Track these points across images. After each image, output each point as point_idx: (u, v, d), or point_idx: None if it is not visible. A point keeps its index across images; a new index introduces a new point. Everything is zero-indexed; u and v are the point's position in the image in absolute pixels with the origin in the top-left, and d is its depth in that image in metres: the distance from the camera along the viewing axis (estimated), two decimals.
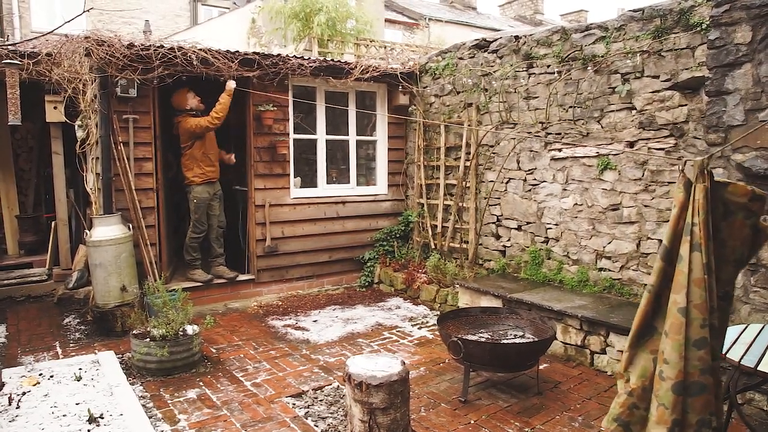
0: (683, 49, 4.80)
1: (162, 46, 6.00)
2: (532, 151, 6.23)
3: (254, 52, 6.68)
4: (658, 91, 5.02)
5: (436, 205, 7.57)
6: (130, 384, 4.35)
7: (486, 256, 6.92)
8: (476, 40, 6.96)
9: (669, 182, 5.01)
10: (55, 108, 6.62)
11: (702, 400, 2.44)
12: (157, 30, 16.13)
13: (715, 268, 2.46)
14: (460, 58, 7.11)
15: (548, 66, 5.98)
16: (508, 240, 6.62)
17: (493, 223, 6.80)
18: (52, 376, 4.44)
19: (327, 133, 7.56)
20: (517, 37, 6.35)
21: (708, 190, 2.40)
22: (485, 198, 6.84)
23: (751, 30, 3.95)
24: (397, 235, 7.99)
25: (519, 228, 6.46)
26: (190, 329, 4.89)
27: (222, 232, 6.96)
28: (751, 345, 3.09)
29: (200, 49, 6.17)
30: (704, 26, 4.58)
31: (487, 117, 6.78)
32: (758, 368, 2.85)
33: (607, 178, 5.47)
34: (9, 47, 6.12)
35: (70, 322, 6.09)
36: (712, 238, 2.43)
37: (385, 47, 12.79)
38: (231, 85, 6.35)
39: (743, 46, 3.98)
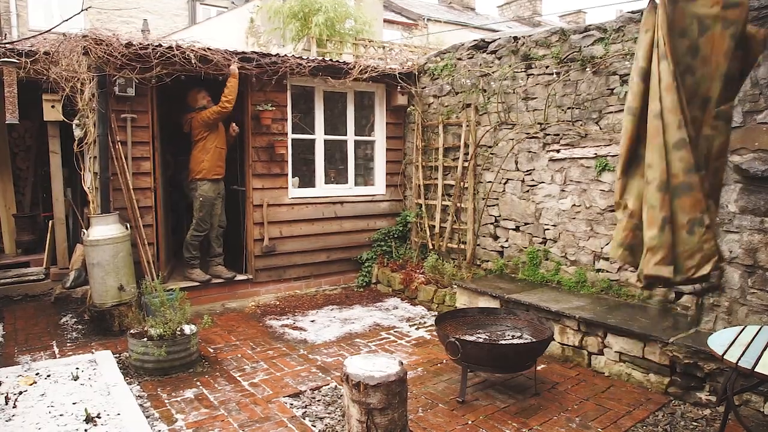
0: None
1: (160, 45, 5.99)
2: (530, 151, 6.24)
3: (253, 52, 6.68)
4: None
5: (434, 205, 7.57)
6: (127, 383, 4.33)
7: (484, 256, 6.93)
8: (475, 40, 6.96)
9: None
10: (52, 107, 6.61)
11: (691, 199, 2.43)
12: (155, 29, 16.11)
13: (704, 87, 2.48)
14: (459, 59, 7.11)
15: (547, 67, 5.99)
16: (506, 241, 6.62)
17: (491, 223, 6.80)
18: (49, 376, 4.43)
19: (325, 133, 7.56)
20: (515, 38, 6.36)
21: (666, 7, 2.45)
22: (483, 199, 6.84)
23: None
24: (395, 236, 7.99)
25: (517, 229, 6.47)
26: (188, 329, 4.88)
27: (222, 232, 6.96)
28: (748, 346, 3.10)
29: (199, 48, 6.16)
30: None
31: (486, 118, 6.78)
32: (755, 369, 2.86)
33: (605, 179, 5.48)
34: (7, 46, 6.11)
35: (67, 321, 6.07)
36: (678, 51, 2.47)
37: (384, 47, 12.77)
38: (234, 67, 6.37)
39: None
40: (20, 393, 4.10)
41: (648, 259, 2.52)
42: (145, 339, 4.69)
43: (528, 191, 6.30)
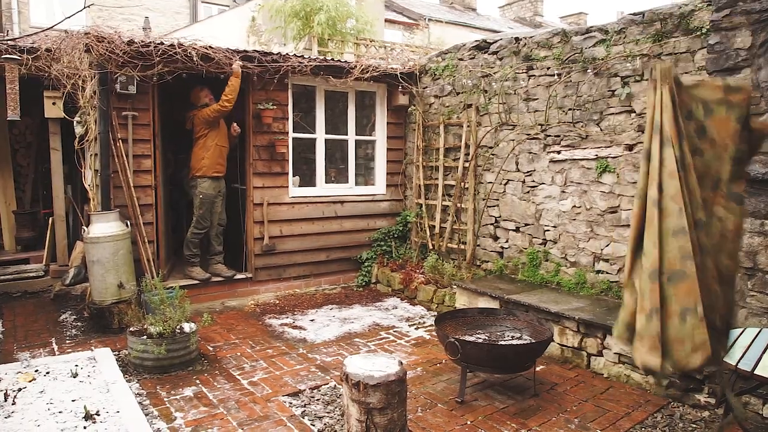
0: (683, 53, 4.81)
1: (162, 43, 5.99)
2: (531, 152, 6.24)
3: (255, 50, 6.69)
4: None
5: (434, 205, 7.58)
6: (126, 381, 4.34)
7: (484, 257, 6.93)
8: (476, 41, 6.97)
9: None
10: (53, 104, 6.61)
11: (685, 287, 2.43)
12: (156, 27, 16.11)
13: (714, 168, 2.51)
14: (460, 59, 7.12)
15: (548, 68, 5.99)
16: (506, 241, 6.62)
17: (491, 224, 6.80)
18: (48, 373, 4.43)
19: (326, 133, 7.56)
20: (517, 39, 6.36)
21: (673, 89, 2.47)
22: (484, 199, 6.85)
23: (750, 35, 3.96)
24: (395, 236, 7.99)
25: (517, 229, 6.47)
26: (188, 327, 4.89)
27: (222, 230, 6.96)
28: (748, 349, 3.10)
29: (201, 46, 6.16)
30: (704, 31, 4.59)
31: (487, 118, 6.79)
32: (755, 372, 2.86)
33: (605, 180, 5.48)
34: (8, 42, 6.10)
35: (66, 318, 6.07)
36: (684, 135, 2.48)
37: (385, 47, 12.79)
38: (237, 66, 6.37)
39: (743, 50, 4.00)
40: (19, 390, 4.10)
41: (637, 347, 2.55)
42: (145, 337, 4.70)
43: (528, 192, 6.30)
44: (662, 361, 2.46)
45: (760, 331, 3.38)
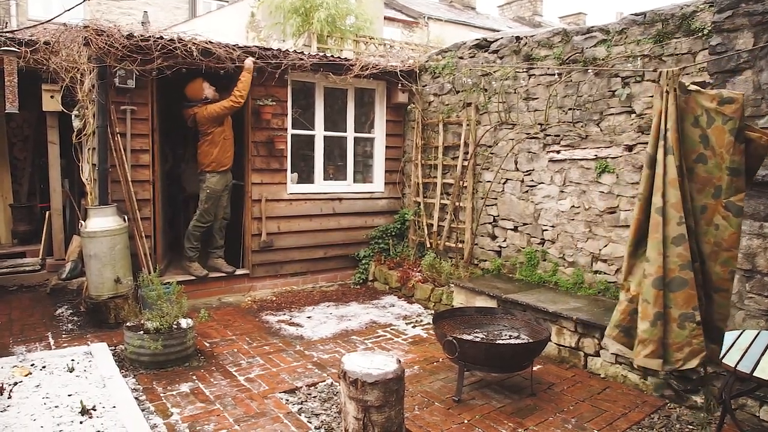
0: (684, 54, 4.80)
1: (161, 38, 5.96)
2: (530, 152, 6.24)
3: (255, 46, 6.68)
4: None
5: (432, 204, 7.57)
6: (122, 376, 4.32)
7: (481, 256, 6.93)
8: (477, 39, 6.96)
9: None
10: (52, 97, 6.58)
11: (683, 294, 2.52)
12: (155, 22, 16.01)
13: (716, 176, 2.56)
14: (461, 58, 7.11)
15: (549, 67, 5.98)
16: (504, 240, 6.62)
17: (490, 223, 6.80)
18: (44, 367, 4.41)
19: (325, 130, 7.55)
20: (518, 38, 6.35)
21: (678, 97, 2.49)
22: (482, 198, 6.84)
23: (752, 37, 3.96)
24: (393, 233, 7.98)
25: (515, 229, 6.47)
26: (184, 323, 4.87)
27: (225, 224, 6.94)
28: (746, 351, 3.10)
29: (201, 41, 6.13)
30: (706, 32, 4.59)
31: (486, 117, 6.78)
32: (754, 374, 2.86)
33: (604, 181, 5.48)
34: (7, 35, 6.07)
35: (62, 312, 6.05)
36: (683, 142, 2.55)
37: (385, 45, 12.77)
38: (249, 62, 6.35)
39: (744, 52, 4.00)
40: (15, 384, 4.08)
41: (639, 350, 2.65)
42: (142, 332, 4.68)
43: (527, 191, 6.30)
44: (662, 364, 2.51)
45: (758, 333, 3.38)
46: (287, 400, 4.17)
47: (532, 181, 6.22)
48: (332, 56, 7.35)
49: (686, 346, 2.53)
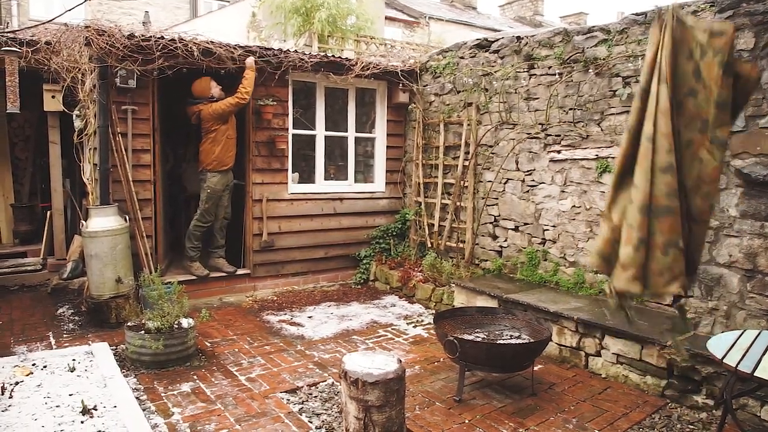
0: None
1: (162, 38, 5.96)
2: (531, 152, 6.23)
3: (256, 46, 6.69)
4: None
5: (433, 203, 7.57)
6: (123, 376, 4.33)
7: (482, 256, 6.93)
8: (478, 39, 6.96)
9: None
10: (53, 97, 6.59)
11: (668, 221, 2.55)
12: (156, 22, 16.05)
13: (704, 110, 2.57)
14: (461, 58, 7.11)
15: (549, 67, 5.98)
16: (505, 240, 6.62)
17: (491, 223, 6.80)
18: (45, 367, 4.42)
19: (326, 130, 7.55)
20: (518, 38, 6.35)
21: (674, 28, 2.54)
22: (483, 198, 6.84)
23: (753, 36, 3.96)
24: (394, 233, 7.98)
25: (516, 229, 6.47)
26: (186, 322, 4.87)
27: (226, 224, 6.95)
28: (747, 351, 3.10)
29: (202, 41, 6.14)
30: None
31: (487, 117, 6.78)
32: (755, 374, 2.86)
33: (605, 181, 5.48)
34: (8, 35, 6.08)
35: (63, 312, 6.06)
36: (676, 75, 2.57)
37: (386, 45, 12.77)
38: (251, 60, 6.36)
39: (746, 52, 4.00)
40: (16, 383, 4.09)
41: (619, 274, 2.66)
42: (143, 332, 4.68)
43: (528, 191, 6.29)
44: (643, 288, 2.61)
45: (759, 333, 3.38)
46: (288, 399, 4.18)
47: (533, 181, 6.22)
48: (333, 56, 7.35)
49: (667, 272, 2.57)
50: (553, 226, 6.02)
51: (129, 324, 4.85)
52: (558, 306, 5.13)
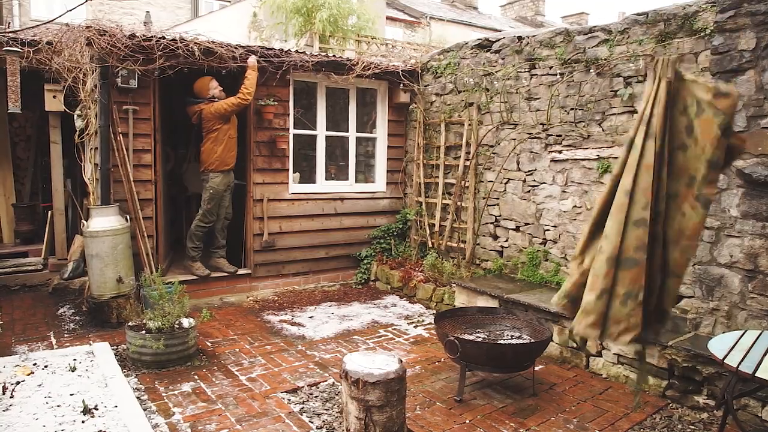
0: (686, 54, 4.79)
1: (164, 38, 5.97)
2: (532, 152, 6.23)
3: (258, 46, 6.69)
4: None
5: (434, 203, 7.57)
6: (124, 376, 4.33)
7: (483, 256, 6.92)
8: (479, 39, 6.95)
9: None
10: (54, 97, 6.58)
11: (632, 273, 2.61)
12: (157, 21, 16.06)
13: (693, 166, 2.60)
14: (463, 58, 7.10)
15: (551, 67, 5.98)
16: (506, 240, 6.62)
17: (491, 223, 6.80)
18: (46, 366, 4.42)
19: (327, 130, 7.55)
20: (519, 38, 6.35)
21: (671, 84, 2.56)
22: (484, 198, 6.84)
23: (755, 36, 3.95)
24: (395, 233, 7.98)
25: (517, 229, 6.46)
26: (186, 322, 4.87)
27: (228, 224, 6.95)
28: (748, 351, 3.10)
29: (203, 41, 6.14)
30: (708, 32, 4.58)
31: (488, 117, 6.78)
32: (756, 375, 2.86)
33: (607, 181, 5.46)
34: (9, 35, 6.08)
35: (64, 312, 6.06)
36: (669, 130, 2.59)
37: (387, 45, 12.78)
38: (253, 60, 6.36)
39: (747, 52, 3.99)
40: (17, 383, 4.09)
41: (580, 318, 2.75)
42: (144, 332, 4.68)
43: (529, 191, 6.29)
44: (599, 334, 2.70)
45: (761, 334, 3.38)
46: (289, 399, 4.18)
47: (534, 181, 6.22)
48: (334, 56, 7.35)
49: (623, 322, 2.65)
50: (554, 227, 6.02)
51: (130, 324, 4.85)
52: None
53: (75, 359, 4.57)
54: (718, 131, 2.53)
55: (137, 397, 4.03)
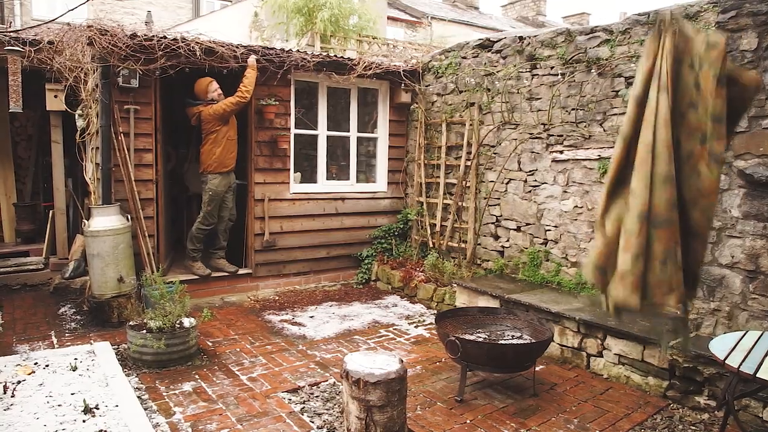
0: None
1: (165, 37, 5.97)
2: (533, 152, 6.23)
3: (259, 45, 6.69)
4: None
5: (435, 203, 7.57)
6: (125, 375, 4.33)
7: (484, 256, 6.92)
8: (480, 39, 6.95)
9: None
10: (55, 96, 6.59)
11: (668, 232, 2.48)
12: (158, 21, 16.08)
13: (703, 123, 2.51)
14: (464, 58, 7.10)
15: (552, 67, 5.97)
16: (507, 240, 6.62)
17: (492, 223, 6.79)
18: (47, 366, 4.42)
19: (328, 129, 7.55)
20: (521, 38, 6.34)
21: (676, 37, 2.47)
22: (485, 198, 6.84)
23: (757, 37, 3.95)
24: (396, 233, 7.98)
25: (518, 229, 6.46)
26: (187, 322, 4.87)
27: (231, 225, 6.95)
28: (749, 352, 3.10)
29: (204, 40, 6.14)
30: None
31: (489, 117, 6.77)
32: (757, 375, 2.85)
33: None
34: (11, 34, 6.08)
35: (65, 311, 6.06)
36: (678, 86, 2.50)
37: (388, 45, 12.78)
38: (252, 59, 6.36)
39: (749, 52, 3.99)
40: (18, 382, 4.09)
41: (617, 285, 2.59)
42: (144, 331, 4.68)
43: (530, 192, 6.29)
44: (641, 300, 2.53)
45: (762, 334, 3.37)
46: (290, 399, 4.18)
47: (535, 181, 6.22)
48: (335, 56, 7.35)
49: (665, 285, 2.51)
50: (555, 227, 6.02)
51: (131, 323, 4.85)
52: (560, 306, 5.13)
53: (76, 359, 4.57)
54: (714, 82, 2.49)
55: (138, 397, 4.03)
